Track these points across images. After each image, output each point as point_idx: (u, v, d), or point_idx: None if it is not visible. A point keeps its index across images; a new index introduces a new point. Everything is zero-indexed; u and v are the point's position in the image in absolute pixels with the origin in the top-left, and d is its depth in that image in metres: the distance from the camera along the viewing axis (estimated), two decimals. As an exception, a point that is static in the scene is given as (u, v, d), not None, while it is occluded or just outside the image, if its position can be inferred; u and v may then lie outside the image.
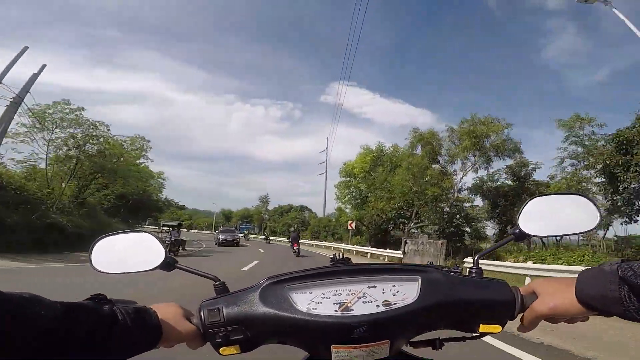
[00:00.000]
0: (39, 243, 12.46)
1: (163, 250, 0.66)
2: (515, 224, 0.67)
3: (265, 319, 0.57)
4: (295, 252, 17.14)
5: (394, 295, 0.58)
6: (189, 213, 73.17)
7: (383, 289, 0.59)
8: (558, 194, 0.69)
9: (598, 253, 12.24)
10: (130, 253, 0.66)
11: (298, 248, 17.35)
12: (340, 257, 0.69)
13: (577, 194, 0.68)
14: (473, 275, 0.64)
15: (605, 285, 0.50)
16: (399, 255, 15.65)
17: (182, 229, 22.29)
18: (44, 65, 13.73)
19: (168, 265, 0.66)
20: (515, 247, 14.57)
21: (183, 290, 4.49)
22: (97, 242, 0.67)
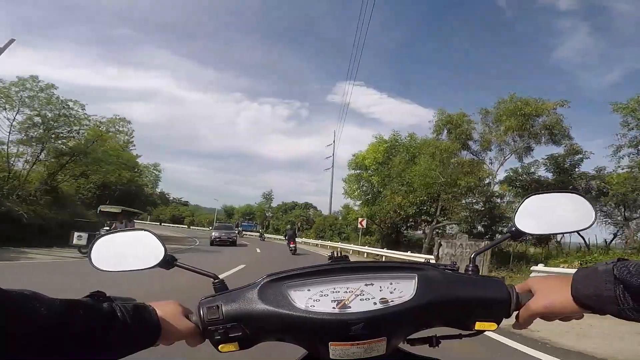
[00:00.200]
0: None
1: (163, 248, 0.66)
2: (512, 222, 0.68)
3: (264, 317, 0.57)
4: (292, 250, 17.06)
5: (391, 293, 0.59)
6: (191, 209, 71.36)
7: (380, 287, 0.59)
8: (554, 192, 0.70)
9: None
10: (130, 251, 0.67)
11: (294, 246, 17.26)
12: (339, 255, 0.68)
13: (573, 193, 0.68)
14: (469, 273, 0.64)
15: (601, 285, 0.50)
16: (423, 260, 12.46)
17: (135, 220, 17.84)
18: (12, 40, 12.43)
19: (167, 263, 0.66)
20: (567, 249, 13.08)
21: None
22: (97, 240, 0.68)
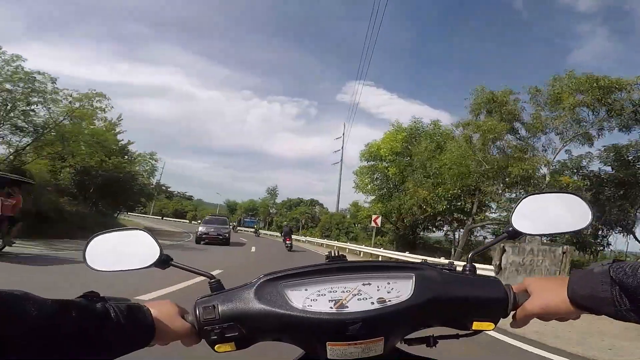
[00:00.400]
0: None
1: (158, 248, 0.65)
2: (509, 222, 0.68)
3: (261, 316, 0.56)
4: (288, 246, 17.34)
5: (389, 293, 0.58)
6: (195, 204, 69.47)
7: (378, 286, 0.59)
8: (551, 193, 0.70)
9: None
10: (125, 250, 0.66)
11: (290, 243, 17.57)
12: (336, 254, 0.68)
13: (569, 193, 0.68)
14: (467, 273, 0.64)
15: (597, 286, 0.50)
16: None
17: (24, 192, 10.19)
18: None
19: (163, 263, 0.65)
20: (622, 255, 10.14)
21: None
22: (91, 239, 0.66)
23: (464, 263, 0.66)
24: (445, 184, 15.12)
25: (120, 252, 0.66)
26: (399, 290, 0.58)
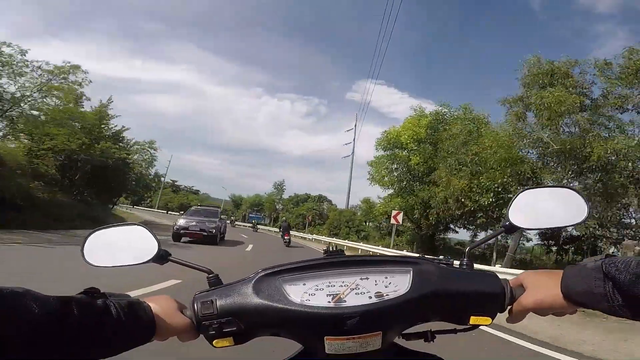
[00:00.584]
0: None
1: (156, 243, 0.65)
2: (505, 217, 0.68)
3: (259, 311, 0.57)
4: (286, 242, 17.45)
5: (386, 287, 0.58)
6: (200, 198, 67.88)
7: (375, 281, 0.59)
8: (547, 187, 0.70)
9: None
10: (123, 246, 0.66)
11: (289, 238, 17.65)
12: (334, 249, 0.68)
13: (565, 187, 0.68)
14: (464, 268, 0.64)
15: (590, 282, 0.50)
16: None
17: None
18: None
19: (161, 258, 0.65)
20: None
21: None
22: (89, 235, 0.66)
23: (465, 259, 0.65)
24: (490, 172, 12.37)
25: (118, 247, 0.66)
26: (397, 285, 0.58)
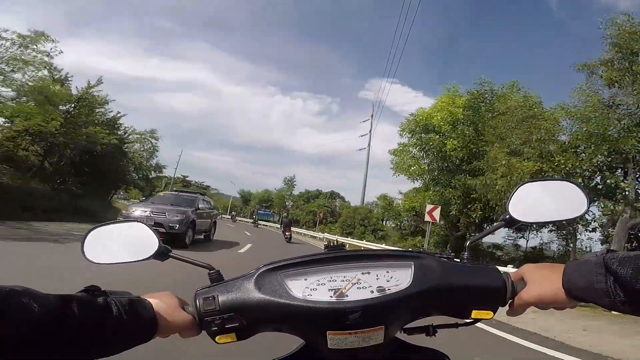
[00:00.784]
0: None
1: (156, 240, 0.65)
2: (506, 210, 0.67)
3: (261, 306, 0.57)
4: (287, 238, 17.45)
5: (388, 281, 0.58)
6: (209, 194, 66.22)
7: (377, 275, 0.59)
8: (547, 180, 0.70)
9: None
10: (123, 243, 0.66)
11: (290, 234, 17.68)
12: (335, 244, 0.68)
13: (565, 180, 0.68)
14: (465, 262, 0.64)
15: (592, 277, 0.49)
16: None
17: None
18: None
19: (162, 255, 0.65)
20: None
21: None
22: (89, 232, 0.66)
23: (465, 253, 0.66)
24: (567, 153, 9.47)
25: (119, 244, 0.65)
26: (398, 279, 0.58)
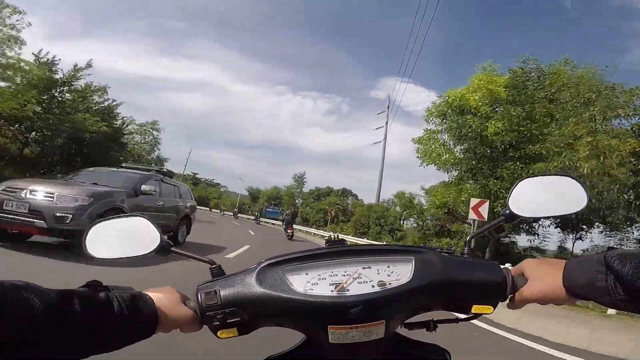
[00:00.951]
0: None
1: (158, 235, 0.65)
2: (506, 205, 0.68)
3: (262, 301, 0.57)
4: (289, 235, 17.34)
5: (389, 276, 0.58)
6: (217, 191, 64.93)
7: (378, 270, 0.59)
8: (546, 176, 0.70)
9: None
10: (125, 238, 0.66)
11: (292, 232, 17.57)
12: (336, 238, 0.68)
13: (564, 175, 0.68)
14: (465, 257, 0.65)
15: (592, 274, 0.49)
16: None
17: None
18: None
19: (164, 250, 0.65)
20: None
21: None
22: (90, 227, 0.66)
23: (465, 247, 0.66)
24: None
25: (120, 239, 0.65)
26: (399, 274, 0.58)
